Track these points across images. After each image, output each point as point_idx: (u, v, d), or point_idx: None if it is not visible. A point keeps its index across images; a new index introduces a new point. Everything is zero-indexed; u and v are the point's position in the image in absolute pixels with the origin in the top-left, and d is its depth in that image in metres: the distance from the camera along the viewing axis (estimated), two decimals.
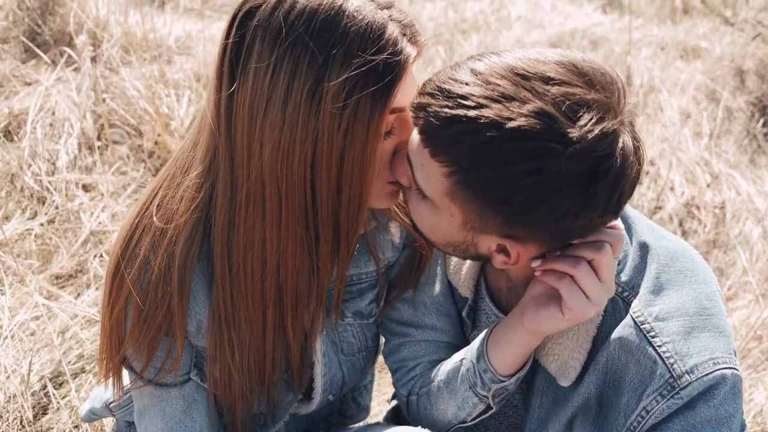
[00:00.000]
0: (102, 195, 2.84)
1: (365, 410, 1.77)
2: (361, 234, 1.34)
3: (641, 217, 1.27)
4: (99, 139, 3.13)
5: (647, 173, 3.22)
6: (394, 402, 1.70)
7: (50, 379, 2.03)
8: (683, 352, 1.07)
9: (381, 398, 2.30)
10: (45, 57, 3.56)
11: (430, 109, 1.00)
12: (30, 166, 2.90)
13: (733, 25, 5.79)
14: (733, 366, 1.09)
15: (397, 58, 1.06)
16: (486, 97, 0.97)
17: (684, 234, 3.13)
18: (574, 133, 0.94)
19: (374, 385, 1.82)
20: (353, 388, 1.70)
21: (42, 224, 2.66)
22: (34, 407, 1.94)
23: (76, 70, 3.58)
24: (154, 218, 1.21)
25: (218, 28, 4.61)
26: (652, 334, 1.09)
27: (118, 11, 4.14)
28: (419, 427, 1.34)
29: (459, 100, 0.98)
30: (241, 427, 1.40)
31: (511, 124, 0.94)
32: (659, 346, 1.08)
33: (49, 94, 3.35)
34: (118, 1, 4.32)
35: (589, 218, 1.00)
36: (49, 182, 2.86)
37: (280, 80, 1.05)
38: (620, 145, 0.97)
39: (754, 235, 3.07)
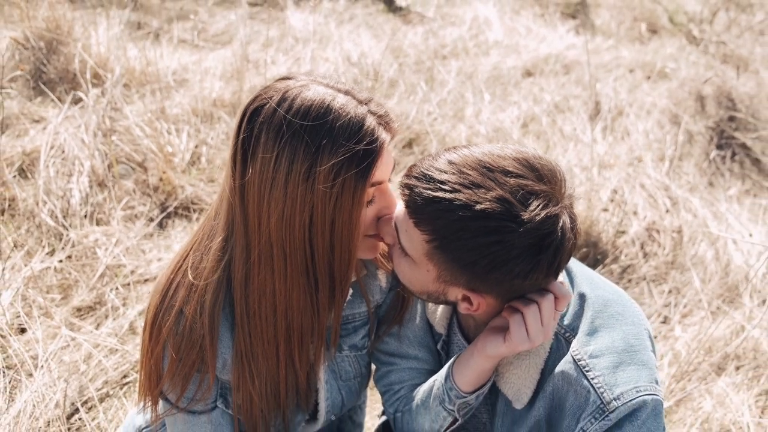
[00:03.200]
0: (114, 231, 3.09)
1: (360, 426, 2.05)
2: (354, 281, 1.64)
3: (582, 269, 1.56)
4: (108, 175, 3.38)
5: (612, 200, 3.52)
6: (384, 417, 1.98)
7: (81, 404, 2.30)
8: (611, 383, 1.36)
9: (372, 413, 2.57)
10: (54, 95, 3.80)
11: (415, 190, 1.30)
12: (45, 203, 3.16)
13: (698, 45, 6.12)
14: (653, 393, 1.38)
15: (374, 145, 1.35)
16: (459, 184, 1.26)
17: (645, 256, 3.43)
18: (526, 215, 1.23)
19: (366, 404, 2.10)
20: (350, 408, 1.98)
21: (61, 261, 2.91)
22: (69, 430, 2.20)
23: (82, 107, 3.83)
24: (189, 275, 1.49)
25: (213, 58, 4.88)
26: (587, 368, 1.38)
27: (118, 46, 4.39)
28: None
29: (438, 184, 1.27)
30: None
31: (478, 207, 1.23)
32: (592, 378, 1.37)
33: (58, 132, 3.60)
34: (116, 36, 4.58)
35: (535, 279, 1.29)
36: (65, 218, 3.11)
37: (282, 166, 1.33)
38: (560, 224, 1.26)
39: (708, 257, 3.37)
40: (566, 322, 1.45)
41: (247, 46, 4.85)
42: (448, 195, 1.25)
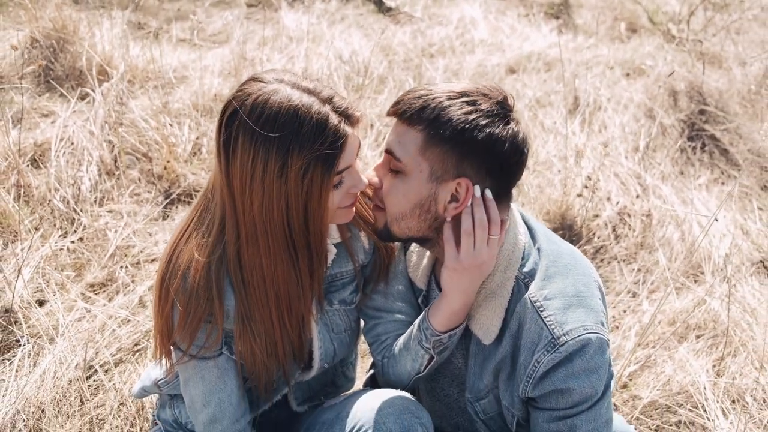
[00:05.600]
0: (122, 215, 3.33)
1: (352, 381, 2.29)
2: (340, 242, 1.89)
3: (542, 228, 1.81)
4: (115, 165, 3.62)
5: (586, 187, 3.78)
6: (372, 371, 2.23)
7: (99, 367, 2.53)
8: (562, 321, 1.61)
9: (362, 376, 2.81)
10: (62, 91, 4.03)
11: (404, 101, 1.60)
12: (58, 190, 3.39)
13: (677, 43, 6.38)
14: (598, 332, 1.62)
15: (338, 142, 1.59)
16: (438, 87, 1.59)
17: (617, 238, 3.69)
18: (491, 93, 1.58)
19: (358, 363, 2.34)
20: (342, 364, 2.21)
21: (73, 242, 3.15)
22: (89, 387, 2.44)
23: (88, 102, 4.06)
24: (194, 249, 1.71)
25: (211, 56, 5.12)
26: (541, 309, 1.63)
27: (120, 45, 4.63)
28: (391, 389, 1.87)
29: (423, 89, 1.60)
30: (264, 390, 1.92)
31: (456, 89, 1.57)
32: (545, 317, 1.62)
33: (67, 125, 3.83)
34: (119, 36, 4.81)
35: (509, 149, 1.56)
36: (76, 204, 3.35)
37: (258, 165, 1.58)
38: (515, 110, 1.62)
39: (674, 238, 3.63)
40: (525, 269, 1.70)
41: (244, 45, 5.09)
42: (431, 89, 1.59)
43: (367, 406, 1.80)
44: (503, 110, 1.59)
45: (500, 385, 1.77)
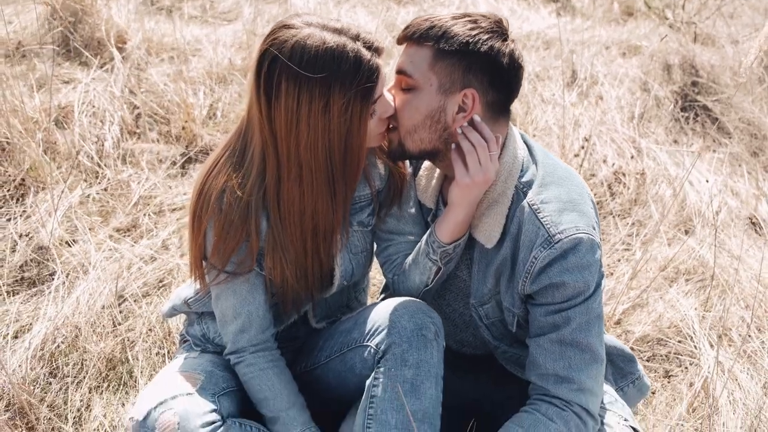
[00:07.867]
0: (144, 169, 3.53)
1: (363, 305, 2.47)
2: None
3: (541, 148, 1.99)
4: (136, 125, 3.82)
5: (583, 147, 3.97)
6: (383, 296, 2.42)
7: (129, 296, 2.73)
8: (557, 221, 1.80)
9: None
10: (88, 55, 4.23)
11: (413, 24, 1.80)
12: (82, 147, 3.58)
13: (671, 26, 6.58)
14: (590, 233, 1.81)
15: (374, 75, 1.77)
16: (442, 13, 1.80)
17: (612, 195, 3.88)
18: (488, 15, 1.79)
19: (369, 293, 2.53)
20: (356, 288, 2.40)
21: (98, 192, 3.34)
22: (120, 312, 2.64)
23: (107, 70, 4.26)
24: (234, 186, 1.85)
25: (222, 32, 5.31)
26: (538, 211, 1.81)
27: (135, 19, 4.83)
28: (404, 297, 2.05)
29: (428, 15, 1.80)
30: (289, 306, 2.10)
31: (458, 13, 1.78)
32: (542, 218, 1.80)
33: (87, 90, 4.02)
34: (131, 11, 5.01)
35: (508, 61, 1.77)
36: (100, 159, 3.54)
37: (303, 104, 1.74)
38: (510, 31, 1.81)
39: (667, 195, 3.83)
40: (524, 179, 1.89)
41: (254, 22, 5.27)
42: (436, 14, 1.80)
43: (382, 310, 1.98)
44: (501, 29, 1.79)
45: (501, 288, 1.96)
